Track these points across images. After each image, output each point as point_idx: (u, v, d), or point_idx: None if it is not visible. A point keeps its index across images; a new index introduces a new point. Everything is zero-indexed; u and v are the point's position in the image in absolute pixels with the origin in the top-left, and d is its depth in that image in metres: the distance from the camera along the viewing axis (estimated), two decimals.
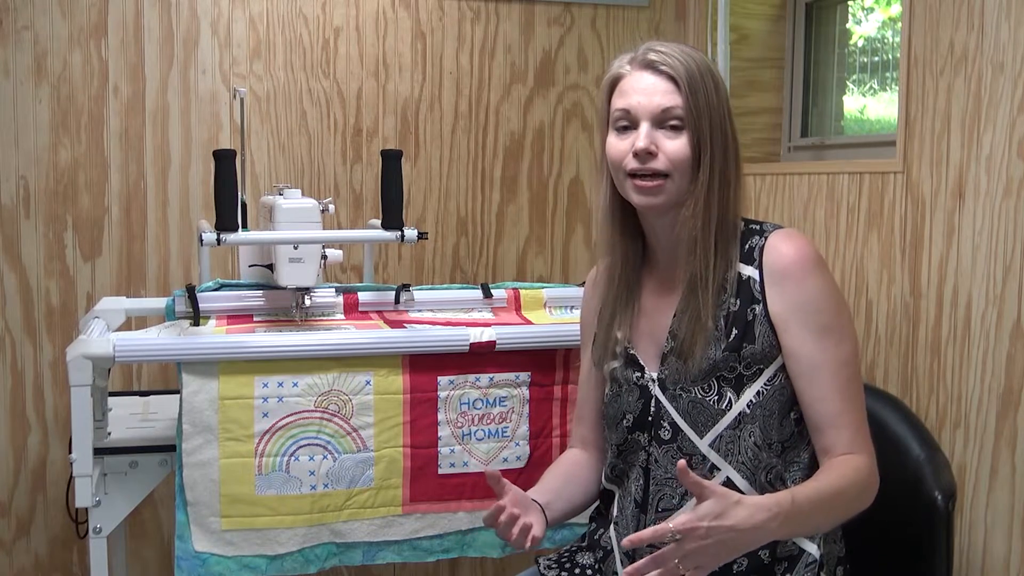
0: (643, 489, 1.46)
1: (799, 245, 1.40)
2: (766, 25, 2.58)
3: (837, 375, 1.37)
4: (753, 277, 1.41)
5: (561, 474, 1.60)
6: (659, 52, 1.41)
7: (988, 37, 1.66)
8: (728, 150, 1.41)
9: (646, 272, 1.52)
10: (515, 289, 2.15)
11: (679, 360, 1.43)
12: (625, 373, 1.50)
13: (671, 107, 1.39)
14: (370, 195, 2.55)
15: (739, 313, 1.40)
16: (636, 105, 1.40)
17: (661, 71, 1.40)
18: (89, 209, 2.38)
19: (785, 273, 1.39)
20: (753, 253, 1.42)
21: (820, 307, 1.38)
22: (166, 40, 2.40)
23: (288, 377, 1.76)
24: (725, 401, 1.40)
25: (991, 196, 1.66)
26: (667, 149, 1.39)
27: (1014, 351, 1.61)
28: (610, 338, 1.51)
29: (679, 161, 1.39)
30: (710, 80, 1.40)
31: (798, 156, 2.55)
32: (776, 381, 1.40)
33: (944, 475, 1.49)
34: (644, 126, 1.39)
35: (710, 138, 1.39)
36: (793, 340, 1.38)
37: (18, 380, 2.37)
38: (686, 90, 1.38)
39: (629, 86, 1.42)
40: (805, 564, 1.40)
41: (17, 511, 2.40)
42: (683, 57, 1.40)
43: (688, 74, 1.38)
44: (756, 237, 1.43)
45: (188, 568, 1.73)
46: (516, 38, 2.63)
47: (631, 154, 1.40)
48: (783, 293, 1.39)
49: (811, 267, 1.39)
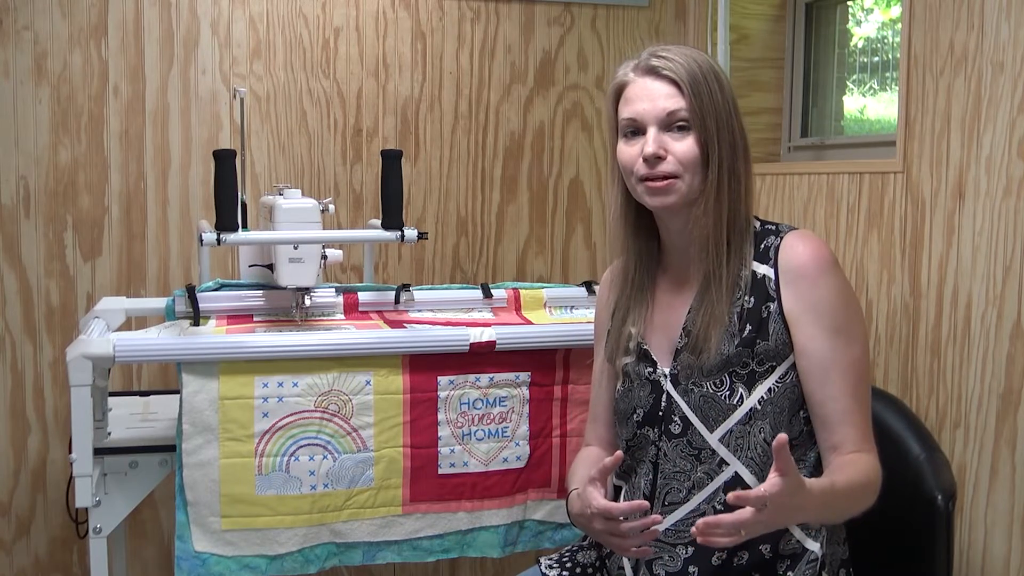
0: (651, 483, 1.47)
1: (815, 246, 1.43)
2: (766, 25, 2.58)
3: (847, 375, 1.39)
4: (768, 276, 1.43)
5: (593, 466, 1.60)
6: (660, 57, 1.43)
7: (988, 37, 1.66)
8: (736, 147, 1.43)
9: (660, 271, 1.54)
10: (515, 289, 2.15)
11: (692, 355, 1.44)
12: (637, 368, 1.51)
13: (675, 109, 1.41)
14: (370, 195, 2.55)
15: (753, 310, 1.42)
16: (642, 111, 1.43)
17: (663, 75, 1.42)
18: (89, 209, 2.38)
19: (800, 272, 1.41)
20: (769, 252, 1.44)
21: (833, 307, 1.40)
22: (166, 40, 2.40)
23: (288, 377, 1.76)
24: (737, 396, 1.41)
25: (991, 196, 1.66)
26: (675, 151, 1.41)
27: (1014, 351, 1.61)
28: (623, 334, 1.53)
29: (688, 161, 1.41)
30: (713, 79, 1.42)
31: (798, 156, 2.55)
32: (788, 379, 1.41)
33: (944, 475, 1.49)
34: (651, 131, 1.42)
35: (717, 136, 1.41)
36: (805, 338, 1.40)
37: (18, 380, 2.37)
38: (689, 91, 1.40)
39: (633, 93, 1.45)
40: (807, 561, 1.40)
41: (17, 511, 2.40)
42: (685, 59, 1.42)
43: (690, 75, 1.41)
44: (772, 237, 1.46)
45: (188, 568, 1.73)
46: (516, 38, 2.63)
47: (641, 159, 1.42)
48: (797, 292, 1.41)
49: (826, 268, 1.41)
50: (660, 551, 1.44)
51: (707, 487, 1.42)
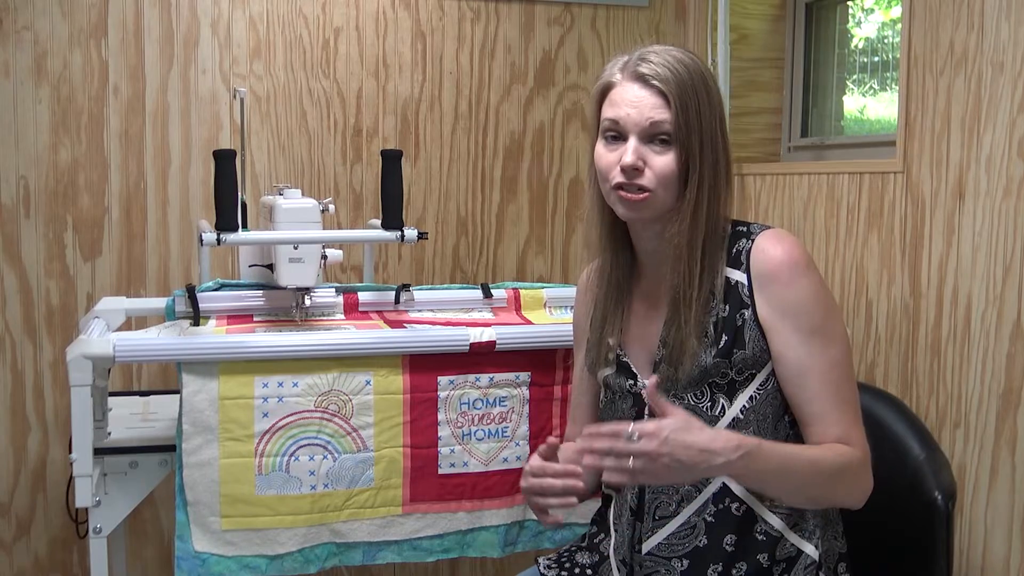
0: (638, 497, 1.46)
1: (786, 247, 1.38)
2: (766, 25, 2.58)
3: (826, 376, 1.35)
4: (741, 282, 1.40)
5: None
6: (650, 64, 1.37)
7: (988, 37, 1.66)
8: (719, 163, 1.39)
9: (635, 279, 1.51)
10: (515, 289, 2.15)
11: (670, 368, 1.41)
12: (618, 380, 1.49)
13: (659, 121, 1.36)
14: (370, 195, 2.55)
15: (728, 319, 1.39)
16: (625, 117, 1.38)
17: (652, 84, 1.36)
18: (89, 209, 2.38)
19: (772, 276, 1.37)
20: (740, 257, 1.40)
21: (808, 309, 1.36)
22: (166, 40, 2.40)
23: (288, 377, 1.76)
24: (718, 407, 1.39)
25: (991, 196, 1.66)
26: (654, 165, 1.36)
27: (1014, 351, 1.61)
28: (602, 344, 1.50)
29: (665, 177, 1.36)
30: (703, 91, 1.37)
31: (798, 156, 2.55)
32: (769, 385, 1.39)
33: (944, 475, 1.49)
34: (632, 140, 1.37)
35: (700, 153, 1.36)
36: (780, 343, 1.37)
37: (18, 380, 2.37)
38: (676, 105, 1.35)
39: (619, 96, 1.39)
40: (804, 566, 1.40)
41: (17, 511, 2.40)
42: (675, 68, 1.37)
43: (679, 88, 1.35)
44: (743, 240, 1.41)
45: (188, 568, 1.74)
46: (516, 38, 2.63)
47: (618, 167, 1.38)
48: (771, 297, 1.37)
49: (799, 269, 1.37)
50: (655, 566, 1.43)
51: (696, 499, 1.40)
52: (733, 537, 1.39)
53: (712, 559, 1.39)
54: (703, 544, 1.40)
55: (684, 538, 1.41)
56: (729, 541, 1.39)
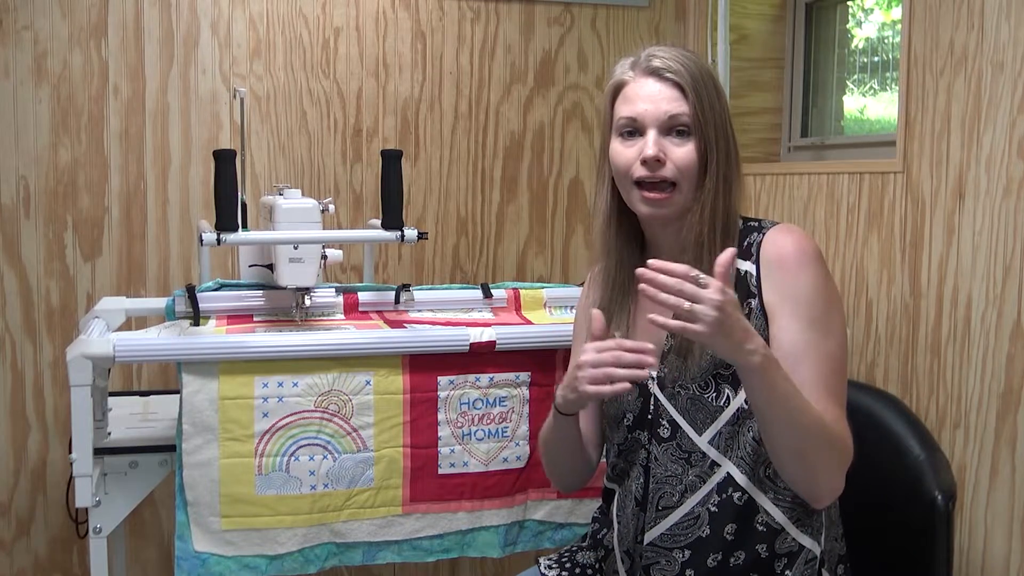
0: (643, 487, 1.46)
1: (796, 238, 1.40)
2: (766, 25, 2.58)
3: (819, 368, 1.35)
4: (750, 272, 1.41)
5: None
6: (662, 58, 1.41)
7: (988, 37, 1.66)
8: (731, 153, 1.42)
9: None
10: (515, 289, 2.15)
11: (679, 358, 1.43)
12: None
13: (678, 113, 1.39)
14: (370, 195, 2.55)
15: None
16: (643, 112, 1.40)
17: (666, 78, 1.40)
18: (89, 209, 2.38)
19: (779, 264, 1.39)
20: (751, 249, 1.42)
21: (810, 299, 1.37)
22: (166, 40, 2.40)
23: (288, 377, 1.76)
24: (723, 398, 1.40)
25: (991, 196, 1.66)
26: (675, 156, 1.39)
27: (1014, 351, 1.61)
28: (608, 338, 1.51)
29: (687, 168, 1.39)
30: (711, 84, 1.41)
31: (798, 156, 2.55)
32: None
33: (944, 475, 1.49)
34: (651, 133, 1.39)
35: (715, 142, 1.39)
36: (779, 328, 1.37)
37: (18, 380, 2.37)
38: (692, 96, 1.38)
39: (634, 93, 1.42)
40: (805, 560, 1.40)
41: (17, 511, 2.40)
42: (686, 62, 1.40)
43: (693, 80, 1.39)
44: (755, 234, 1.44)
45: (188, 568, 1.74)
46: (516, 38, 2.63)
47: (639, 162, 1.39)
48: (776, 282, 1.39)
49: (806, 260, 1.38)
50: (657, 556, 1.44)
51: (700, 490, 1.41)
52: (733, 526, 1.39)
53: (712, 549, 1.40)
54: (705, 535, 1.40)
55: (687, 528, 1.42)
56: (729, 530, 1.40)
